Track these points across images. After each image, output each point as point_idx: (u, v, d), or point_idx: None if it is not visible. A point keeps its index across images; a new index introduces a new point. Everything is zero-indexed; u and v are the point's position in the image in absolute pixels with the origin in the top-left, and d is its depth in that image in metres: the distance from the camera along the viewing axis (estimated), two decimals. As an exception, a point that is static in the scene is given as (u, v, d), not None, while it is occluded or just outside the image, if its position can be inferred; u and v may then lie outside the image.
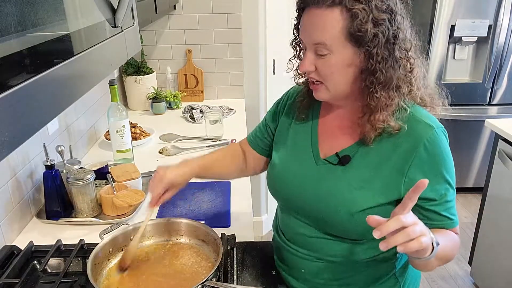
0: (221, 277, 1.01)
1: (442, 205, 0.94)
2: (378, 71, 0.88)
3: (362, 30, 0.85)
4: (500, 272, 2.09)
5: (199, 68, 2.42)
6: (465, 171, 3.27)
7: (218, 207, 1.38)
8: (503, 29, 2.88)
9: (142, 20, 1.33)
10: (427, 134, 0.91)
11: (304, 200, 1.02)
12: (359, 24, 0.84)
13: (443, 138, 0.93)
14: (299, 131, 1.08)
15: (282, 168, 1.08)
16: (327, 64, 0.90)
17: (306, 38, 0.92)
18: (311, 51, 0.92)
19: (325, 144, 1.03)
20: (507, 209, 2.01)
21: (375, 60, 0.87)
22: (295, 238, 1.07)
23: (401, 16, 0.90)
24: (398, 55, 0.89)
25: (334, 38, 0.87)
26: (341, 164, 0.98)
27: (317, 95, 0.97)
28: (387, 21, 0.86)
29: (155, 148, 1.85)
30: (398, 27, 0.88)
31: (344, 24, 0.86)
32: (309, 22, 0.90)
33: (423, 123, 0.92)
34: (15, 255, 1.12)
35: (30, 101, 0.50)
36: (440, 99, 1.02)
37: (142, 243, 1.10)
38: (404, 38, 0.90)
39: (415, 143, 0.91)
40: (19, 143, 0.48)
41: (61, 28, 0.60)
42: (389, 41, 0.87)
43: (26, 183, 1.32)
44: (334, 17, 0.86)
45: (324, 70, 0.91)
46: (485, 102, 3.12)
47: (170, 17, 2.32)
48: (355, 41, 0.87)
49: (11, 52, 0.46)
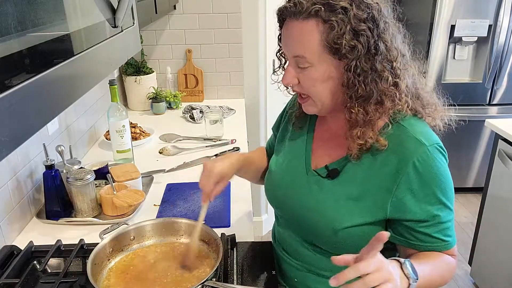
0: (221, 277, 1.01)
1: (435, 226, 0.88)
2: (357, 85, 0.83)
3: (338, 42, 0.81)
4: (500, 272, 2.09)
5: (199, 68, 2.42)
6: (465, 171, 3.27)
7: (218, 207, 1.38)
8: (503, 29, 2.88)
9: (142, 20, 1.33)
10: (417, 152, 0.85)
11: (293, 209, 1.01)
12: (335, 36, 0.80)
13: (437, 156, 0.87)
14: (295, 140, 1.07)
15: (276, 175, 1.08)
16: (309, 77, 0.88)
17: (286, 50, 0.90)
18: (292, 64, 0.90)
19: (318, 154, 1.01)
20: (507, 209, 2.01)
21: (354, 72, 0.82)
22: (288, 248, 1.07)
23: (386, 23, 0.84)
24: (379, 68, 0.83)
25: (312, 51, 0.84)
26: (329, 178, 0.95)
27: (305, 109, 0.96)
28: (368, 31, 0.81)
29: (155, 148, 1.85)
30: (381, 36, 0.83)
31: (321, 36, 0.82)
32: (288, 35, 0.88)
33: (414, 140, 0.86)
34: (15, 255, 1.12)
35: (30, 101, 0.50)
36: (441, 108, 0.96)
37: (142, 243, 1.10)
38: (389, 48, 0.85)
39: (404, 161, 0.86)
40: (19, 143, 0.48)
41: (61, 28, 0.60)
42: (370, 53, 0.82)
43: (26, 183, 1.32)
44: (311, 29, 0.82)
45: (306, 83, 0.89)
46: (485, 102, 3.12)
47: (170, 17, 2.32)
48: (333, 53, 0.83)
49: (11, 52, 0.46)
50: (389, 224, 0.93)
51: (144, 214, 1.35)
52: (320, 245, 0.97)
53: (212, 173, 1.01)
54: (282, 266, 1.10)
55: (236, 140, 1.91)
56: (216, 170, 1.01)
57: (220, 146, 1.85)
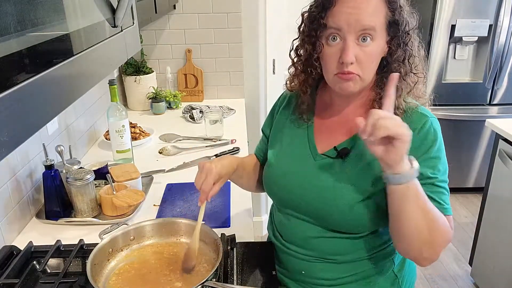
0: (221, 277, 1.01)
1: (430, 186, 0.92)
2: (406, 55, 0.93)
3: (397, 19, 0.90)
4: (501, 272, 2.09)
5: (199, 68, 2.42)
6: (466, 171, 3.27)
7: (218, 207, 1.38)
8: (503, 29, 2.88)
9: (142, 20, 1.33)
10: (421, 121, 0.94)
11: (303, 197, 1.02)
12: (397, 12, 0.90)
13: (437, 127, 0.95)
14: (295, 130, 1.08)
15: (279, 167, 1.08)
16: (370, 53, 0.90)
17: (352, 22, 0.87)
18: (352, 40, 0.89)
19: (321, 140, 1.04)
20: (507, 209, 2.01)
21: (399, 47, 0.92)
22: (294, 239, 1.06)
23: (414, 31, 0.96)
24: (414, 45, 0.94)
25: (380, 24, 0.89)
26: (340, 157, 0.98)
27: (349, 87, 0.93)
28: (406, 15, 0.92)
29: (155, 148, 1.85)
30: (413, 24, 0.94)
31: (386, 12, 0.89)
32: (355, 6, 0.87)
33: (418, 113, 0.95)
34: (14, 255, 1.12)
35: (30, 101, 0.50)
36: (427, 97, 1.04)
37: (142, 243, 1.10)
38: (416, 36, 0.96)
39: (411, 128, 0.91)
40: (18, 143, 0.47)
41: (60, 28, 0.59)
42: (408, 34, 0.93)
43: (26, 183, 1.32)
44: (379, 3, 0.89)
45: (365, 60, 0.90)
46: (485, 102, 3.11)
47: (170, 17, 2.31)
48: (390, 29, 0.91)
49: (11, 52, 0.46)
50: None
51: (144, 214, 1.35)
52: (334, 227, 0.99)
53: (211, 172, 1.01)
54: (286, 261, 1.10)
55: (236, 140, 1.91)
56: (215, 169, 1.01)
57: (220, 146, 1.85)
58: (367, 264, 1.02)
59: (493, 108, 3.13)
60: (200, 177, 1.01)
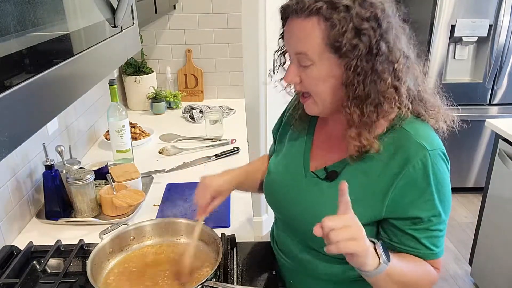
0: (221, 277, 1.01)
1: (424, 231, 0.86)
2: (356, 84, 0.82)
3: (340, 41, 0.80)
4: (501, 272, 2.09)
5: (199, 68, 2.42)
6: (466, 171, 3.27)
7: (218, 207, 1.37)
8: (503, 29, 2.88)
9: (142, 20, 1.33)
10: (418, 155, 0.84)
11: (290, 211, 1.01)
12: (336, 34, 0.80)
13: (438, 162, 0.85)
14: (294, 141, 1.07)
15: (274, 177, 1.07)
16: (311, 76, 0.87)
17: (289, 48, 0.90)
18: (295, 62, 0.89)
19: (317, 156, 1.01)
20: (507, 209, 2.01)
21: (354, 72, 0.81)
22: (285, 250, 1.06)
23: (389, 23, 0.83)
24: (380, 68, 0.81)
25: (314, 48, 0.83)
26: (328, 180, 0.95)
27: (307, 109, 0.94)
28: (370, 30, 0.79)
29: (155, 148, 1.85)
30: (383, 37, 0.81)
31: (322, 34, 0.81)
32: (290, 32, 0.87)
33: (416, 144, 0.85)
34: (14, 255, 1.12)
35: (30, 101, 0.50)
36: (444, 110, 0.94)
37: (142, 243, 1.10)
38: (391, 49, 0.83)
39: (404, 163, 0.85)
40: (18, 143, 0.47)
41: (60, 28, 0.59)
42: (371, 53, 0.80)
43: (26, 183, 1.32)
44: (312, 26, 0.82)
45: (308, 82, 0.88)
46: (485, 102, 3.11)
47: (170, 17, 2.31)
48: (334, 52, 0.82)
49: (11, 52, 0.46)
50: (379, 226, 0.93)
51: (144, 214, 1.35)
52: (317, 248, 0.96)
53: (209, 188, 1.00)
54: (280, 267, 1.10)
55: (236, 140, 1.91)
56: (214, 184, 1.01)
57: (220, 146, 1.85)
58: (355, 282, 0.97)
59: (493, 108, 3.13)
60: (198, 192, 1.01)
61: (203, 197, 1.00)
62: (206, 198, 1.00)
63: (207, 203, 1.01)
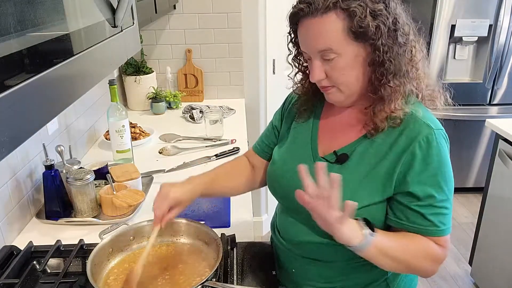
0: (221, 277, 1.01)
1: (429, 208, 0.89)
2: (387, 61, 0.88)
3: (363, 26, 0.85)
4: (500, 272, 2.09)
5: (199, 68, 2.42)
6: (466, 171, 3.27)
7: (218, 207, 1.38)
8: (503, 29, 2.88)
9: (142, 20, 1.33)
10: (423, 133, 0.89)
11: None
12: (359, 21, 0.84)
13: (441, 141, 0.90)
14: (300, 130, 1.08)
15: (280, 165, 1.08)
16: (337, 67, 0.90)
17: (309, 48, 0.92)
18: (318, 59, 0.91)
19: (324, 142, 1.03)
20: (507, 209, 2.01)
21: (382, 51, 0.87)
22: (289, 237, 1.06)
23: (394, 2, 0.91)
24: (401, 41, 0.89)
25: (338, 41, 0.87)
26: (339, 163, 0.97)
27: (330, 98, 0.97)
28: (384, 10, 0.86)
29: (155, 148, 1.85)
30: (395, 13, 0.89)
31: (343, 24, 0.86)
32: (308, 33, 0.90)
33: (421, 123, 0.91)
34: (14, 255, 1.12)
35: (30, 101, 0.50)
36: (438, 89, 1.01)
37: (142, 243, 1.10)
38: (403, 22, 0.91)
39: (410, 140, 0.90)
40: (18, 143, 0.47)
41: (60, 28, 0.59)
42: (390, 30, 0.88)
43: (26, 183, 1.32)
44: (332, 21, 0.86)
45: (335, 74, 0.91)
46: (485, 102, 3.11)
47: (170, 17, 2.31)
48: (359, 38, 0.87)
49: (11, 52, 0.46)
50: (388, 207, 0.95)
51: (144, 214, 1.34)
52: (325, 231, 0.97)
53: (167, 198, 0.99)
54: (280, 258, 1.10)
55: (236, 140, 1.91)
56: (171, 195, 0.99)
57: (220, 146, 1.85)
58: (359, 271, 1.00)
59: (493, 108, 3.13)
60: (155, 201, 1.00)
61: (159, 207, 0.98)
62: (163, 209, 0.98)
63: (163, 214, 0.99)
